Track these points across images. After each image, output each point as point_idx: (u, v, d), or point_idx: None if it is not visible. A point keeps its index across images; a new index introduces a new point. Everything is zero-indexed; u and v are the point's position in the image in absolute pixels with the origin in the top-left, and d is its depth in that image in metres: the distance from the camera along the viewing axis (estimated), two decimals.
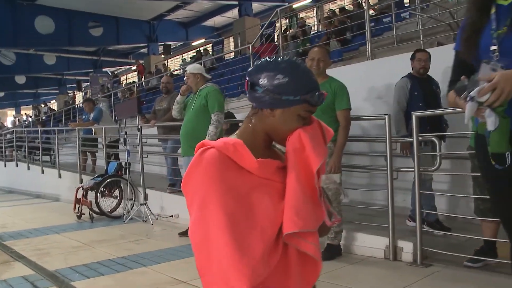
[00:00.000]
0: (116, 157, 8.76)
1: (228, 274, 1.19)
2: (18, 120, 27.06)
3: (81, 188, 7.27)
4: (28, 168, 12.06)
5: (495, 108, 1.49)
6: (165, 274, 3.89)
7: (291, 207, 1.28)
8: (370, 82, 5.53)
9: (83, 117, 9.93)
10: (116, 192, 7.38)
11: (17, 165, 13.09)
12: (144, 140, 7.60)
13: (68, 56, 22.69)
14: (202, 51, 14.62)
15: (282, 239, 1.28)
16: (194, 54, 16.84)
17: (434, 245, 3.82)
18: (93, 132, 9.31)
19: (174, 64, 22.42)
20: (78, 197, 7.13)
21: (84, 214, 6.99)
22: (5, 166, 14.05)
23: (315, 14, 14.79)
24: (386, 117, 3.92)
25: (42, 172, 11.15)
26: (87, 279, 3.85)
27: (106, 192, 7.20)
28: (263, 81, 1.31)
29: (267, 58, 1.38)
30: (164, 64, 18.02)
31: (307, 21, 11.70)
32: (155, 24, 19.36)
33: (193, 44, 20.81)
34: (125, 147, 7.13)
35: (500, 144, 1.55)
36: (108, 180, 7.16)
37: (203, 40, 20.20)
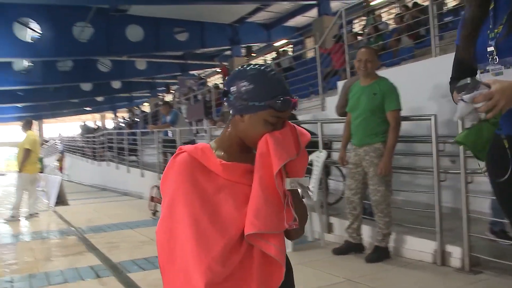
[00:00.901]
0: None
1: (189, 269, 1.26)
2: (116, 122, 29.07)
3: (155, 186, 7.67)
4: (117, 168, 12.93)
5: (488, 119, 1.42)
6: None
7: (251, 209, 1.31)
8: (435, 80, 5.25)
9: (162, 119, 10.46)
10: None
11: (108, 165, 14.09)
12: None
13: (157, 61, 23.88)
14: (280, 52, 14.68)
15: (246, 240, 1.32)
16: (275, 55, 16.98)
17: (491, 252, 3.58)
18: (171, 134, 9.79)
19: None
20: (152, 195, 7.54)
21: (158, 211, 7.37)
22: (99, 165, 15.20)
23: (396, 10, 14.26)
24: (432, 118, 3.73)
25: (128, 171, 11.91)
26: (143, 271, 4.13)
27: None
28: (233, 88, 1.37)
29: (240, 67, 1.44)
30: None
31: (387, 17, 11.33)
32: (237, 27, 19.74)
33: (275, 45, 20.97)
34: None
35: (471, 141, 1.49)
36: None
37: (285, 41, 20.29)
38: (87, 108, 33.43)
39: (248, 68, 1.40)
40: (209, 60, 24.56)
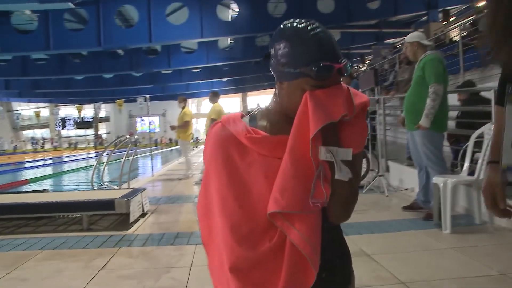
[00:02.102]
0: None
1: (221, 249, 1.18)
2: None
3: None
4: None
5: None
6: (358, 245, 4.02)
7: (277, 184, 1.13)
8: None
9: None
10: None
11: None
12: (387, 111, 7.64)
13: (350, 32, 23.69)
14: (477, 13, 13.12)
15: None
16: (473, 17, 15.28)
17: None
18: None
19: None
20: None
21: None
22: None
23: None
24: None
25: None
26: None
27: None
28: (273, 50, 1.20)
29: (283, 24, 1.21)
30: (443, 31, 16.95)
31: None
32: None
33: (478, 5, 18.81)
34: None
35: None
36: None
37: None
38: None
39: (289, 25, 1.18)
40: (404, 27, 23.33)
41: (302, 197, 1.10)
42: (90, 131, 49.34)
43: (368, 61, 25.40)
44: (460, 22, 21.89)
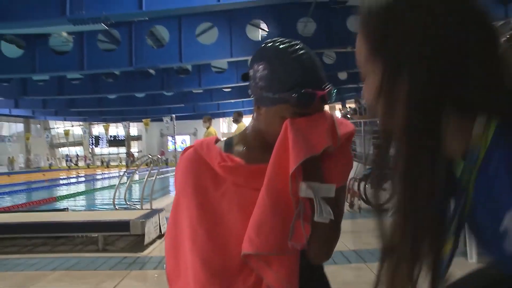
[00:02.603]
0: None
1: (190, 286, 1.06)
2: (343, 112, 29.66)
3: (353, 179, 7.60)
4: None
5: None
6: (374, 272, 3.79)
7: (252, 221, 1.02)
8: None
9: None
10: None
11: None
12: None
13: None
14: None
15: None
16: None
17: None
18: None
19: None
20: (349, 186, 7.50)
21: (354, 204, 7.30)
22: None
23: None
24: None
25: None
26: None
27: None
28: (252, 71, 1.10)
29: (265, 43, 1.12)
30: None
31: None
32: None
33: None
34: None
35: None
36: None
37: None
38: None
39: (270, 45, 1.08)
40: None
41: (280, 237, 1.00)
42: (122, 149, 50.20)
43: None
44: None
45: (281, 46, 1.06)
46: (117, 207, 7.69)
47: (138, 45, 16.82)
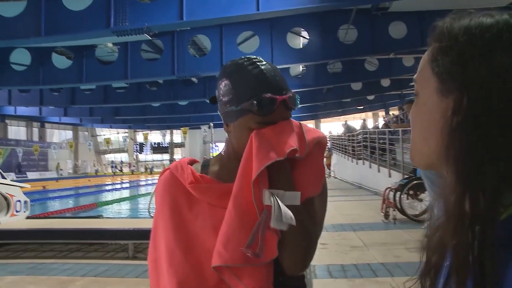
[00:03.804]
0: None
1: None
2: (386, 120, 29.09)
3: (389, 188, 7.40)
4: (370, 167, 12.97)
5: None
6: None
7: (221, 235, 1.02)
8: None
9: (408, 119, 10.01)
10: (423, 195, 7.15)
11: (363, 163, 14.28)
12: None
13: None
14: None
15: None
16: None
17: None
18: None
19: None
20: (384, 197, 7.30)
21: (389, 214, 7.10)
22: (357, 164, 15.53)
23: None
24: None
25: (378, 170, 11.79)
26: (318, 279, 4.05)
27: (412, 194, 7.08)
28: (217, 92, 1.13)
29: (229, 62, 1.14)
30: None
31: None
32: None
33: None
34: None
35: None
36: (414, 182, 7.03)
37: None
38: (359, 107, 34.44)
39: (229, 63, 1.11)
40: None
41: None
42: (166, 156, 51.16)
43: None
44: None
45: (240, 61, 1.09)
46: (151, 215, 7.77)
47: (180, 54, 17.14)
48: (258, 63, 1.08)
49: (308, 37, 18.18)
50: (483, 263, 0.54)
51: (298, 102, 1.09)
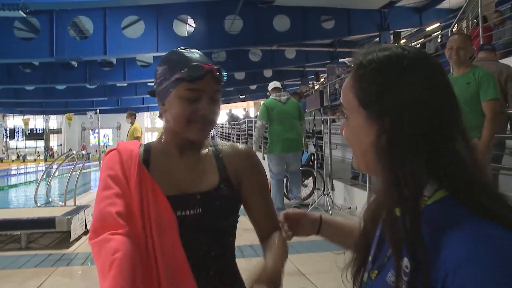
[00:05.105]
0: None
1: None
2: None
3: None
4: None
5: None
6: (294, 264, 4.07)
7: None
8: None
9: None
10: (308, 181, 7.79)
11: None
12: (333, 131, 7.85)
13: (306, 50, 24.17)
14: (424, 37, 13.78)
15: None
16: (422, 40, 15.97)
17: None
18: None
19: None
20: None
21: None
22: None
23: None
24: None
25: (263, 158, 12.40)
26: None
27: None
28: (155, 79, 1.27)
29: None
30: None
31: None
32: (386, 12, 18.97)
33: (427, 29, 19.66)
34: (313, 139, 7.51)
35: None
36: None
37: (437, 25, 18.89)
38: (242, 96, 35.30)
39: (165, 54, 1.29)
40: (357, 47, 23.98)
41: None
42: (41, 143, 47.74)
43: (323, 79, 25.98)
44: (413, 44, 22.83)
45: (173, 49, 1.28)
46: (38, 204, 7.46)
47: (60, 35, 16.17)
48: (189, 48, 1.27)
49: (194, 25, 18.23)
50: (413, 238, 0.72)
51: (225, 77, 1.25)
